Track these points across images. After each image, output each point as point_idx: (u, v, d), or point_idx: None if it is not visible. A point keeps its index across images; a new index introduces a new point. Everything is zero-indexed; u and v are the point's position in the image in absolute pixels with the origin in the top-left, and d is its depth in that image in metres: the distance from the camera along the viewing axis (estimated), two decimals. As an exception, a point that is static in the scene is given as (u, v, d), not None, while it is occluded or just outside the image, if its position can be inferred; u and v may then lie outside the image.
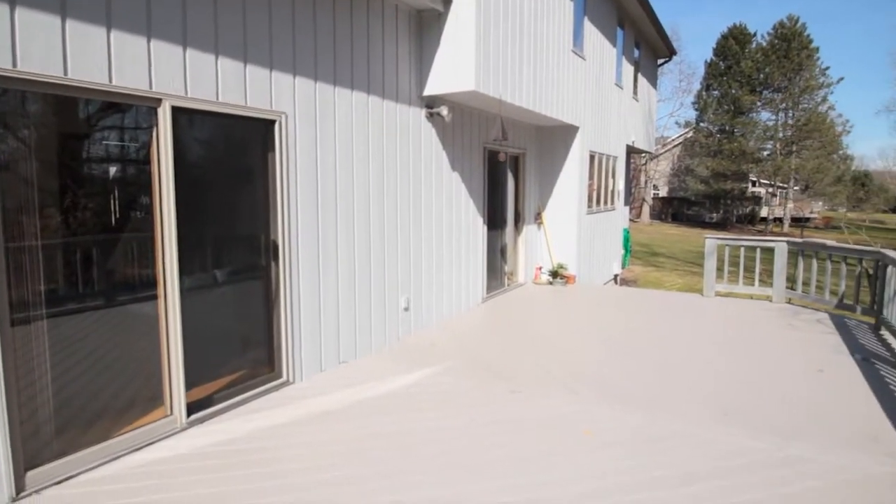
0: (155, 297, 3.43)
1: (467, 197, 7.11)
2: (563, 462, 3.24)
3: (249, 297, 4.22)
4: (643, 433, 3.63)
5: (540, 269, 9.50)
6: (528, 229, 9.25)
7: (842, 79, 39.16)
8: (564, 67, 8.37)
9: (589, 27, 9.45)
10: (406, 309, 5.87)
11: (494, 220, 8.09)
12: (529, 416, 3.90)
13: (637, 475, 3.10)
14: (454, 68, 5.73)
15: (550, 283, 9.18)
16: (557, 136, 9.42)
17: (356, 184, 5.04)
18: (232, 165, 4.03)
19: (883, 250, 6.45)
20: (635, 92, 13.29)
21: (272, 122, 4.14)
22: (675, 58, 16.12)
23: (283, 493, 2.87)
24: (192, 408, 3.65)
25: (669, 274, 17.96)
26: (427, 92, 5.90)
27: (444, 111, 6.08)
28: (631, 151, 14.10)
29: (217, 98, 3.69)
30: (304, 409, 3.96)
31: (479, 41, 5.66)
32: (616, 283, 12.68)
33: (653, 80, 15.95)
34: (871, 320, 6.69)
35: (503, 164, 8.31)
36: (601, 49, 10.21)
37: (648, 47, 14.41)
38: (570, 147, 9.38)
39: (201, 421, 3.68)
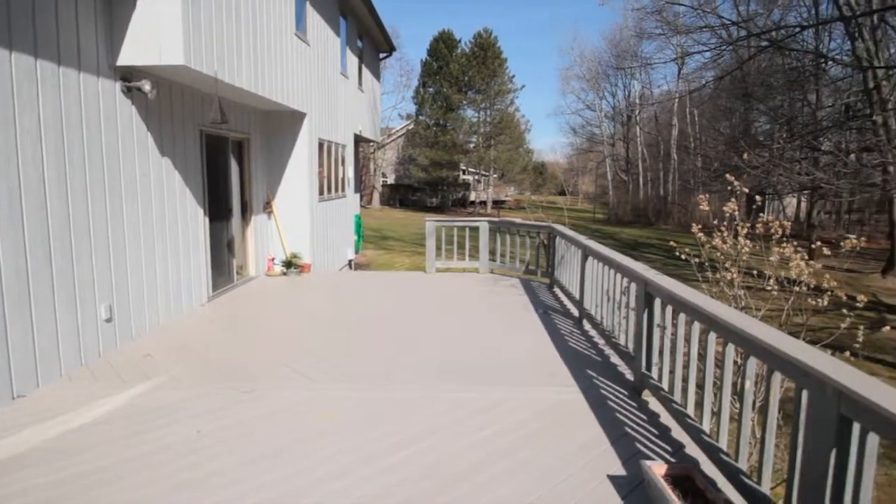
0: None
1: (183, 185, 6.34)
2: (304, 450, 3.21)
3: None
4: (360, 407, 3.83)
5: (273, 259, 9.14)
6: (258, 219, 8.78)
7: (524, 86, 48.32)
8: (288, 51, 8.12)
9: (311, 13, 9.35)
10: (108, 319, 4.95)
11: (218, 211, 7.43)
12: (262, 413, 3.74)
13: (382, 442, 3.29)
14: (156, 36, 4.96)
15: (285, 274, 8.93)
16: (285, 122, 9.13)
17: (24, 172, 3.98)
18: None
19: (553, 225, 8.16)
20: (360, 83, 13.76)
21: None
22: (395, 54, 17.32)
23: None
24: None
25: (399, 255, 19.44)
26: (122, 62, 5.00)
27: (147, 86, 5.26)
28: (359, 140, 14.62)
29: None
30: (-43, 466, 3.01)
31: (186, 6, 5.02)
32: (351, 267, 13.09)
33: (376, 73, 16.76)
34: (547, 281, 8.43)
35: (225, 150, 7.67)
36: (325, 36, 10.23)
37: (371, 41, 15.05)
38: (298, 134, 9.20)
39: None
